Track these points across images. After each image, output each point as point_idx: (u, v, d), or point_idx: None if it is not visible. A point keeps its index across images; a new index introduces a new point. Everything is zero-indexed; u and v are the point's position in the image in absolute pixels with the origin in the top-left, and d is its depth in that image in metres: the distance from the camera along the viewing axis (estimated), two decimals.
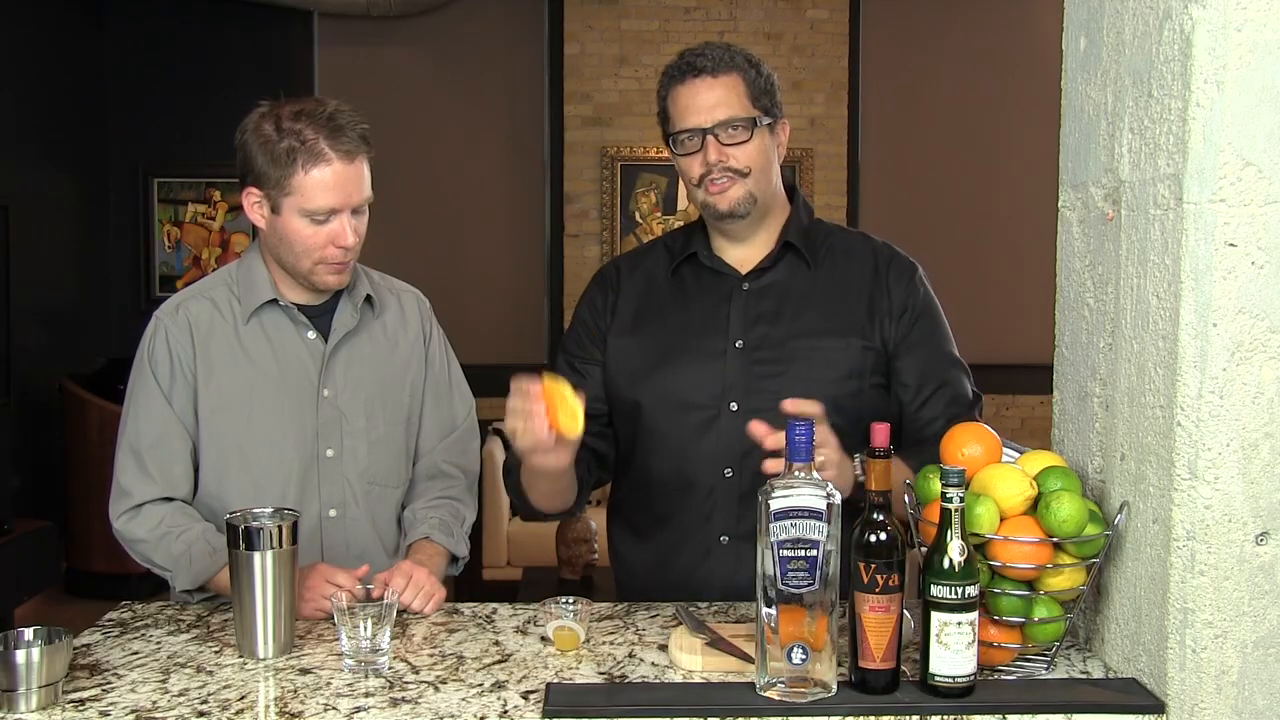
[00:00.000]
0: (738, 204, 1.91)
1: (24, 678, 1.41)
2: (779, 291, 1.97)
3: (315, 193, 1.86)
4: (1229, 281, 1.40)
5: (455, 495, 2.09)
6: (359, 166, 1.89)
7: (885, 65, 6.61)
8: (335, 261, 1.91)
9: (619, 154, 6.44)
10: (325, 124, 1.86)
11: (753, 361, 1.93)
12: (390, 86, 6.45)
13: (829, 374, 1.91)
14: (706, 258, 2.00)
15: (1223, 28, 1.38)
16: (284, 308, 1.98)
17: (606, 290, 2.07)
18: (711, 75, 1.89)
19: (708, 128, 1.89)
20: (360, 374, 2.02)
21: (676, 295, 2.01)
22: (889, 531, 1.43)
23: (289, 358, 1.98)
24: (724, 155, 1.89)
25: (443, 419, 2.12)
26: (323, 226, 1.88)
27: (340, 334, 2.00)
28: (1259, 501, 1.41)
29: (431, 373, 2.11)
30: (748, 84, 1.90)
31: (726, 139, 1.88)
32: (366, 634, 1.55)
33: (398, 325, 2.09)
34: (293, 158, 1.85)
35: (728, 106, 1.89)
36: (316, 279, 1.94)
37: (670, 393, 1.95)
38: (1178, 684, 1.44)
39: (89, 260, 6.33)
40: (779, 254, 1.98)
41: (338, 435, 1.99)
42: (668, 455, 1.96)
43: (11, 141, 5.49)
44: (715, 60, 1.90)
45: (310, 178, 1.85)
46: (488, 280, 6.59)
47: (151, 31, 6.43)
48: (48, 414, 5.59)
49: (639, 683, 1.52)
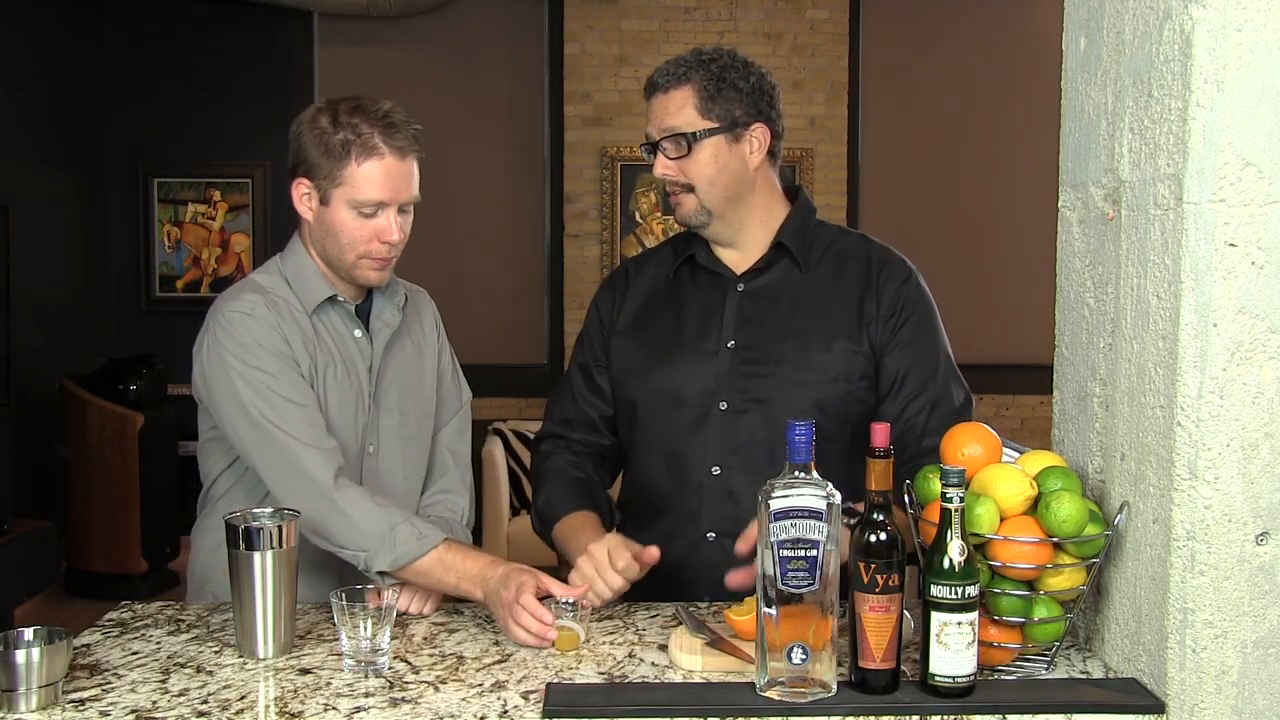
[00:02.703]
0: (690, 215, 1.97)
1: (24, 678, 1.41)
2: (771, 293, 1.99)
3: (365, 185, 1.88)
4: (1229, 281, 1.40)
5: (450, 488, 2.12)
6: (410, 164, 1.92)
7: (885, 65, 6.61)
8: (378, 257, 1.93)
9: (619, 154, 6.44)
10: (380, 120, 1.89)
11: (742, 362, 1.95)
12: (390, 86, 6.45)
13: (815, 377, 1.93)
14: (704, 259, 2.03)
15: (1223, 28, 1.38)
16: (340, 304, 2.00)
17: (614, 293, 2.12)
18: (664, 91, 1.96)
19: (656, 140, 1.96)
20: (397, 373, 2.05)
21: (675, 296, 2.05)
22: (889, 531, 1.43)
23: (348, 354, 2.00)
24: (667, 168, 1.95)
25: (450, 407, 2.17)
26: (369, 220, 1.90)
27: (387, 334, 2.03)
28: (1259, 501, 1.41)
29: (440, 364, 2.16)
30: (700, 95, 1.93)
31: (671, 153, 1.94)
32: (366, 634, 1.55)
33: (418, 323, 2.13)
34: (347, 149, 1.87)
35: (672, 120, 1.94)
36: (359, 273, 1.96)
37: (663, 390, 1.98)
38: (1178, 684, 1.44)
39: (89, 260, 6.33)
40: (772, 256, 1.99)
41: (375, 432, 2.02)
42: (659, 452, 1.99)
43: (11, 141, 5.49)
44: (670, 74, 1.96)
45: (362, 170, 1.88)
46: (488, 280, 6.59)
47: (151, 31, 6.43)
48: (48, 414, 5.58)
49: (639, 683, 1.52)
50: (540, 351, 6.65)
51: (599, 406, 2.09)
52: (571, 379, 2.13)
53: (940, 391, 1.96)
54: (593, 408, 2.09)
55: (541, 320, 6.67)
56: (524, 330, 6.64)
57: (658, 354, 2.00)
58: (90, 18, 6.32)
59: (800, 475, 1.43)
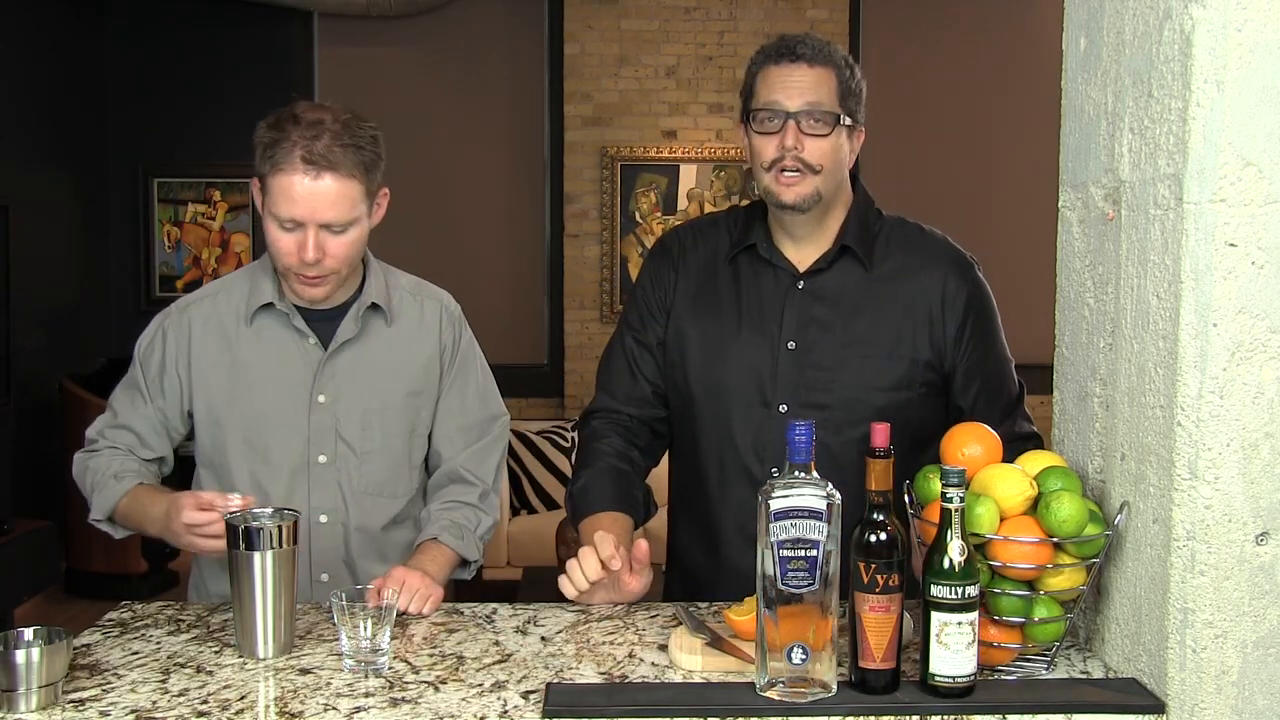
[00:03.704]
0: (802, 199, 1.89)
1: (24, 678, 1.41)
2: (833, 294, 1.96)
3: (279, 199, 1.84)
4: (1229, 281, 1.40)
5: (471, 500, 2.07)
6: (336, 186, 1.83)
7: (885, 65, 6.61)
8: (304, 274, 1.89)
9: (619, 154, 6.44)
10: (306, 133, 1.82)
11: (804, 365, 1.93)
12: (390, 87, 6.45)
13: (877, 383, 1.92)
14: (765, 250, 1.98)
15: (1223, 28, 1.38)
16: (282, 312, 1.98)
17: (668, 264, 2.06)
18: (809, 64, 1.88)
19: (793, 111, 1.86)
20: (361, 383, 2.01)
21: (733, 285, 2.00)
22: (889, 531, 1.43)
23: (284, 361, 1.98)
24: (800, 143, 1.87)
25: (468, 427, 2.09)
26: (290, 234, 1.86)
27: (339, 342, 1.99)
28: (1259, 501, 1.41)
29: (456, 380, 2.08)
30: (840, 82, 1.89)
31: (808, 128, 1.87)
32: (366, 634, 1.55)
33: (413, 335, 2.05)
34: (270, 157, 1.84)
35: (816, 95, 1.87)
36: (292, 286, 1.94)
37: (721, 387, 1.96)
38: (1178, 684, 1.44)
39: (89, 260, 6.33)
40: (835, 254, 1.97)
41: (331, 442, 1.99)
42: (714, 448, 1.97)
43: (11, 141, 5.49)
44: (815, 50, 1.89)
45: (278, 182, 1.84)
46: (488, 280, 6.58)
47: (151, 31, 6.43)
48: (48, 414, 5.59)
49: (639, 683, 1.52)
50: (540, 351, 6.65)
51: (653, 382, 2.05)
52: (625, 349, 2.07)
53: (1005, 387, 2.01)
54: (647, 382, 2.05)
55: (541, 320, 6.66)
56: (524, 330, 6.64)
57: (715, 346, 1.97)
58: (90, 18, 6.32)
59: (800, 475, 1.43)
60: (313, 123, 1.83)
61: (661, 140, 6.44)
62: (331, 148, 1.82)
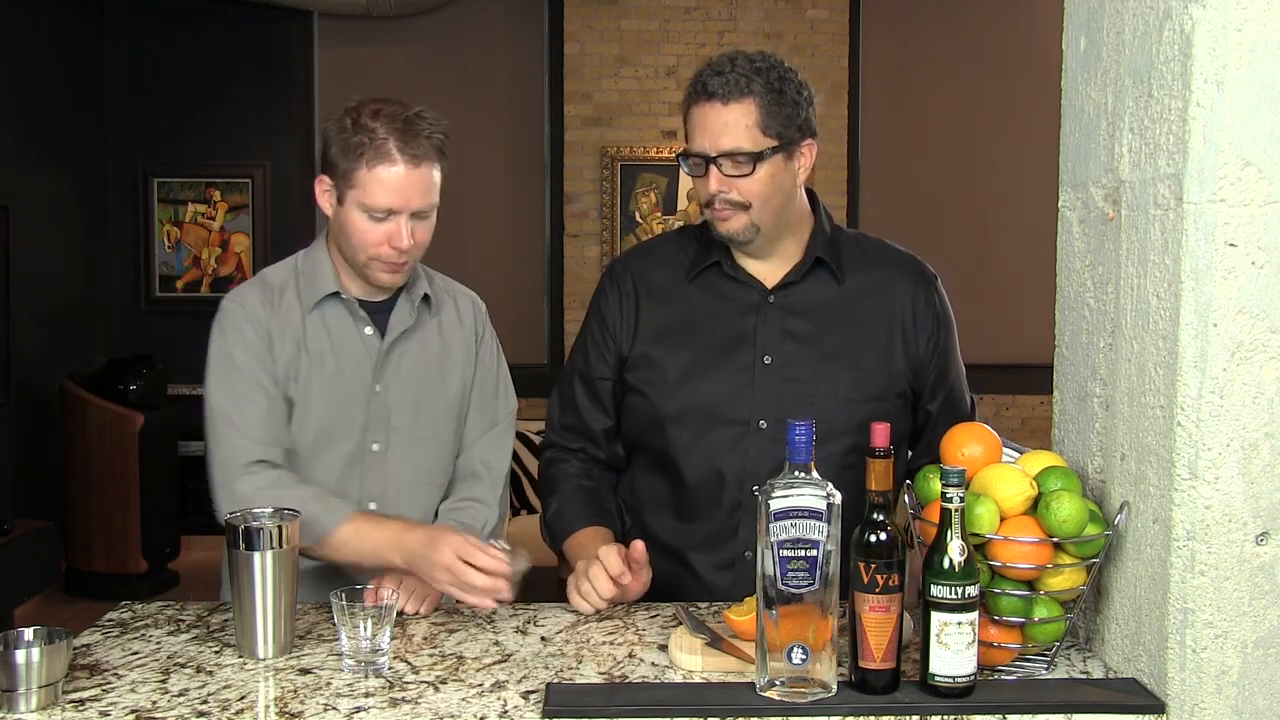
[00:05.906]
0: (738, 232, 1.89)
1: (24, 678, 1.41)
2: (804, 308, 1.95)
3: (375, 190, 1.88)
4: (1229, 281, 1.40)
5: (479, 497, 2.09)
6: (425, 172, 1.91)
7: (885, 65, 6.61)
8: (388, 261, 1.93)
9: (619, 154, 6.44)
10: (400, 125, 1.88)
11: (782, 380, 1.92)
12: (390, 86, 6.40)
13: (857, 395, 1.93)
14: (730, 267, 1.97)
15: (1223, 28, 1.38)
16: (345, 301, 2.00)
17: (621, 296, 2.03)
18: (722, 102, 1.83)
19: (711, 156, 1.85)
20: (412, 372, 2.04)
21: (700, 304, 1.98)
22: (889, 531, 1.43)
23: (346, 351, 2.00)
24: (725, 185, 1.85)
25: (485, 417, 2.15)
26: (380, 224, 1.90)
27: (397, 331, 2.03)
28: (1259, 501, 1.41)
29: (480, 372, 2.13)
30: (763, 110, 1.83)
31: (730, 170, 1.84)
32: (366, 634, 1.55)
33: (453, 327, 2.11)
34: (360, 153, 1.88)
35: (733, 137, 1.83)
36: (370, 274, 1.97)
37: (698, 407, 1.94)
38: (1178, 684, 1.44)
39: (89, 260, 6.32)
40: (805, 268, 1.96)
41: (384, 430, 2.01)
42: (693, 469, 1.95)
43: (11, 141, 5.49)
44: (731, 84, 1.82)
45: (373, 175, 1.88)
46: (488, 280, 6.51)
47: (151, 31, 6.42)
48: (48, 414, 5.59)
49: (639, 683, 1.52)
50: (540, 351, 6.65)
51: (600, 420, 2.05)
52: (572, 388, 2.07)
53: (962, 399, 2.06)
54: (595, 420, 2.05)
55: (541, 320, 6.67)
56: (524, 330, 6.64)
57: (689, 368, 1.95)
58: (90, 18, 6.32)
59: (800, 475, 1.43)
60: (399, 117, 1.90)
61: (661, 140, 6.44)
62: (423, 138, 1.90)
